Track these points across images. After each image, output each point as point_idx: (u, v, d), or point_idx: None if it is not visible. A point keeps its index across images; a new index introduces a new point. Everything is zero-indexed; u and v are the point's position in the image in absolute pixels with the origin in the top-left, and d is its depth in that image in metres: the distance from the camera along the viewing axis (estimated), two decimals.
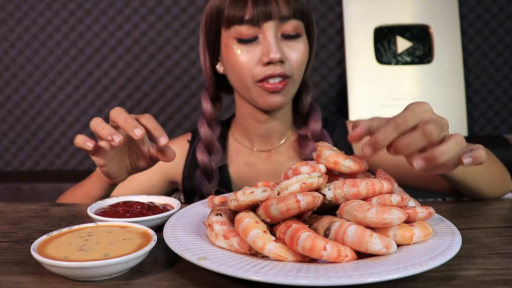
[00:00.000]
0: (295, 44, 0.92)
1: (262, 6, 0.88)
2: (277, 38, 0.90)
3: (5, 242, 0.62)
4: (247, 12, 0.88)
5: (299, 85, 0.97)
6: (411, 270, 0.44)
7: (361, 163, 0.58)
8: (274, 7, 0.88)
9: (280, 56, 0.88)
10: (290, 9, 0.89)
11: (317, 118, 1.02)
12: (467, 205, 0.82)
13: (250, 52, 0.90)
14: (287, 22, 0.90)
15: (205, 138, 1.01)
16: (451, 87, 1.77)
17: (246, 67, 0.91)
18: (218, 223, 0.55)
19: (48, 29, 1.81)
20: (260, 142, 1.03)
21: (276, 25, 0.89)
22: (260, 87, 0.91)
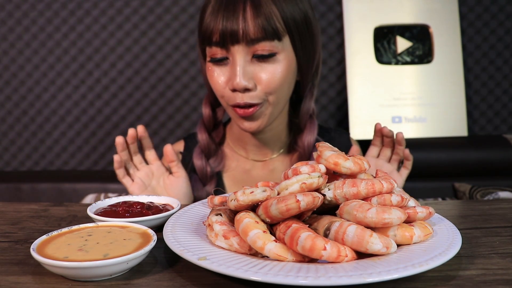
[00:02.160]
0: (268, 65, 0.85)
1: (230, 25, 0.82)
2: (245, 61, 0.84)
3: (5, 242, 0.62)
4: (214, 34, 0.84)
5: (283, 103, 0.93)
6: (411, 270, 0.44)
7: (361, 164, 0.58)
8: (240, 30, 0.82)
9: (245, 84, 0.83)
10: (259, 30, 0.82)
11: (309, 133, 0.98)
12: (467, 205, 0.82)
13: (222, 74, 0.87)
14: (258, 44, 0.83)
15: (203, 143, 1.00)
16: (451, 87, 1.77)
17: (219, 89, 0.89)
18: (218, 223, 0.55)
19: (48, 29, 1.81)
20: (254, 152, 1.02)
21: (244, 48, 0.84)
22: (233, 110, 0.89)
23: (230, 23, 0.82)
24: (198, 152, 1.00)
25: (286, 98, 0.93)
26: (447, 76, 1.77)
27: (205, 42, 0.87)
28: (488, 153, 1.63)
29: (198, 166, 0.99)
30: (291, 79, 0.91)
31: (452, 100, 1.77)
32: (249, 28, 0.82)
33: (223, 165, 1.02)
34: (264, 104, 0.88)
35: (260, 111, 0.88)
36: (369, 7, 1.78)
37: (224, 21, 0.83)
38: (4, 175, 1.77)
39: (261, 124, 0.90)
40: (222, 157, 1.03)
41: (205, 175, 0.99)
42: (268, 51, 0.84)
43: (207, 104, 1.01)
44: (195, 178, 1.00)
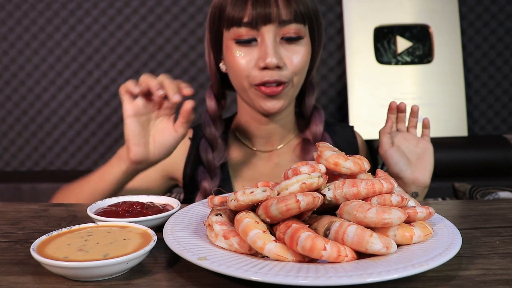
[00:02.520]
0: (296, 47, 0.90)
1: (261, 9, 0.86)
2: (275, 42, 0.88)
3: (5, 242, 0.62)
4: (246, 14, 0.87)
5: (299, 88, 0.96)
6: (411, 270, 0.44)
7: (361, 164, 0.58)
8: (274, 11, 0.86)
9: (277, 62, 0.86)
10: (290, 12, 0.87)
11: (318, 121, 1.00)
12: (467, 205, 0.82)
13: (248, 55, 0.89)
14: (287, 25, 0.88)
15: (209, 135, 1.00)
16: (451, 87, 1.77)
17: (243, 70, 0.90)
18: (218, 223, 0.55)
19: (48, 29, 1.81)
20: (261, 143, 1.03)
21: (275, 28, 0.87)
22: (257, 90, 0.90)
23: (262, 4, 0.86)
24: (205, 145, 1.01)
25: (302, 83, 0.97)
26: (447, 76, 1.77)
27: (234, 23, 0.88)
28: (488, 153, 1.63)
29: (206, 159, 0.99)
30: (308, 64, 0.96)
31: (452, 100, 1.77)
32: (281, 10, 0.87)
33: (228, 157, 1.03)
34: (288, 85, 0.91)
35: (286, 91, 0.91)
36: (369, 7, 1.79)
37: (257, 2, 0.86)
38: (4, 175, 1.77)
39: (283, 104, 0.92)
40: (227, 148, 1.03)
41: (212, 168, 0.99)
42: (296, 33, 0.89)
43: (212, 96, 1.01)
44: (203, 170, 1.00)
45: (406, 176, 0.92)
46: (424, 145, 0.95)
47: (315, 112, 1.02)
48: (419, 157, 0.94)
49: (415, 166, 0.93)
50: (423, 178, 0.93)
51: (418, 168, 0.93)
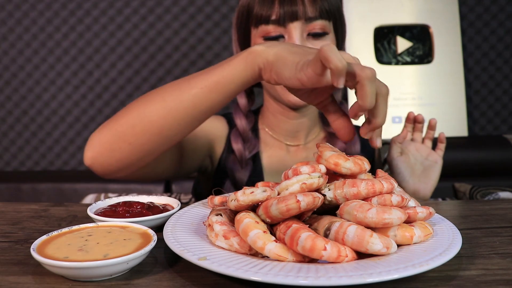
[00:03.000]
0: (321, 42, 0.92)
1: (288, 7, 0.89)
2: (302, 38, 0.91)
3: (5, 242, 0.62)
4: (273, 12, 0.90)
5: None
6: (411, 270, 0.44)
7: (361, 165, 0.58)
8: (300, 8, 0.89)
9: None
10: (316, 10, 0.90)
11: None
12: (467, 205, 0.82)
13: None
14: (313, 22, 0.90)
15: (240, 127, 1.02)
16: (451, 87, 1.77)
17: None
18: (218, 223, 0.55)
19: (48, 29, 1.81)
20: (288, 137, 1.04)
21: (302, 25, 0.90)
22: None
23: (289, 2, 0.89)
24: (236, 134, 1.02)
25: None
26: (447, 76, 1.77)
27: (262, 20, 0.91)
28: (488, 153, 1.63)
29: (237, 149, 1.00)
30: None
31: (452, 100, 1.77)
32: (307, 7, 0.89)
33: (259, 148, 1.04)
34: None
35: None
36: (369, 7, 1.79)
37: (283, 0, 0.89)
38: (4, 175, 1.77)
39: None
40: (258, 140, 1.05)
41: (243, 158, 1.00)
42: (322, 29, 0.91)
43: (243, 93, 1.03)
44: (233, 159, 1.01)
45: (406, 187, 0.96)
46: (434, 158, 0.98)
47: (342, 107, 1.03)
48: (426, 170, 0.97)
49: (419, 178, 0.96)
50: (424, 192, 0.96)
51: (421, 181, 0.96)
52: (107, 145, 0.72)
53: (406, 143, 0.99)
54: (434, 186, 0.97)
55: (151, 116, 0.70)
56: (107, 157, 0.73)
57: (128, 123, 0.72)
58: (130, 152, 0.72)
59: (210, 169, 1.07)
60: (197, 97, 0.69)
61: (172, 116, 0.70)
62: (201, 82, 0.69)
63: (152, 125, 0.70)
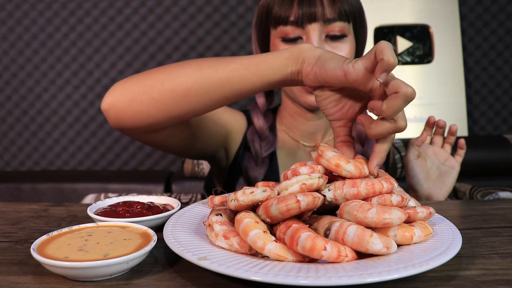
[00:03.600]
0: (340, 45, 0.92)
1: (307, 8, 0.89)
2: (320, 39, 0.90)
3: (5, 242, 0.62)
4: (292, 13, 0.90)
5: None
6: (411, 270, 0.44)
7: (361, 169, 0.58)
8: (319, 10, 0.88)
9: None
10: (335, 11, 0.89)
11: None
12: (467, 205, 0.82)
13: None
14: (332, 24, 0.90)
15: (258, 126, 1.02)
16: (451, 87, 1.77)
17: None
18: (218, 223, 0.55)
19: (48, 29, 1.81)
20: (305, 138, 1.05)
21: (320, 27, 0.90)
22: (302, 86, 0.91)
23: (308, 3, 0.89)
24: (253, 132, 1.02)
25: None
26: (447, 76, 1.78)
27: (280, 21, 0.91)
28: (488, 153, 1.63)
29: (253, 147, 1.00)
30: None
31: (452, 100, 1.77)
32: (326, 9, 0.89)
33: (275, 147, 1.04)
34: None
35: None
36: (369, 7, 1.79)
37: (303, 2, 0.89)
38: (4, 175, 1.77)
39: None
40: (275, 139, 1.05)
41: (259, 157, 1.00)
42: (341, 32, 0.91)
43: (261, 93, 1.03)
44: (249, 156, 1.01)
45: (420, 190, 0.96)
46: (452, 164, 0.97)
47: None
48: (442, 175, 0.97)
49: (434, 182, 0.96)
50: (437, 197, 0.95)
51: (436, 186, 0.96)
52: (130, 94, 0.71)
53: (424, 147, 0.99)
54: (449, 192, 0.96)
55: (184, 77, 0.69)
56: (126, 106, 0.71)
57: (159, 78, 0.70)
58: (150, 107, 0.70)
59: (224, 163, 1.06)
60: (234, 72, 0.67)
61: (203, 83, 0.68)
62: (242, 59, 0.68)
63: (182, 85, 0.69)
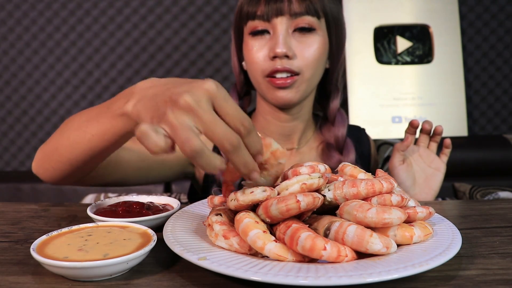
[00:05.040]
0: (308, 39, 0.91)
1: (273, 2, 0.89)
2: (287, 33, 0.90)
3: (5, 242, 0.62)
4: (259, 8, 0.91)
5: (314, 84, 0.96)
6: (411, 270, 0.44)
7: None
8: (285, 4, 0.89)
9: (285, 51, 0.88)
10: (302, 5, 0.89)
11: (341, 125, 1.01)
12: (467, 205, 0.82)
13: (262, 47, 0.92)
14: (299, 17, 0.90)
15: None
16: (451, 87, 1.77)
17: (257, 62, 0.92)
18: (218, 223, 0.55)
19: (48, 29, 1.81)
20: (281, 141, 1.04)
21: (287, 20, 0.90)
22: (268, 82, 0.92)
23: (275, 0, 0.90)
24: None
25: (317, 78, 0.97)
26: (447, 76, 1.78)
27: (248, 17, 0.93)
28: (488, 153, 1.63)
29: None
30: (324, 60, 0.96)
31: (452, 100, 1.77)
32: (294, 3, 0.89)
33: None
34: (300, 77, 0.92)
35: (296, 84, 0.92)
36: (369, 7, 1.79)
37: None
38: (4, 175, 1.77)
39: (294, 96, 0.93)
40: None
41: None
42: (309, 25, 0.91)
43: (235, 95, 1.04)
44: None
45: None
46: (437, 165, 0.95)
47: (339, 116, 1.02)
48: (428, 178, 0.95)
49: (420, 186, 0.95)
50: (424, 200, 0.94)
51: (423, 189, 0.94)
52: (40, 162, 0.79)
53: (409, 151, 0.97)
54: (436, 194, 0.94)
55: (62, 148, 0.71)
56: (43, 171, 0.79)
57: (53, 145, 0.74)
58: (57, 170, 0.75)
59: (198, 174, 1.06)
60: (92, 143, 0.66)
61: (76, 153, 0.69)
62: (92, 129, 0.66)
63: (63, 156, 0.71)
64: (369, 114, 1.74)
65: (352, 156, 0.99)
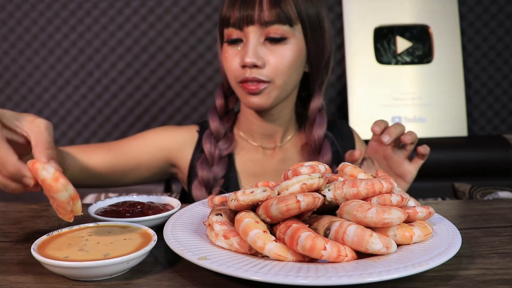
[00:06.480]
0: (279, 48, 0.92)
1: (244, 11, 0.90)
2: (258, 42, 0.91)
3: (5, 242, 0.62)
4: (232, 16, 0.92)
5: (289, 89, 0.97)
6: (411, 270, 0.44)
7: None
8: (256, 12, 0.89)
9: (254, 61, 0.90)
10: (273, 14, 0.89)
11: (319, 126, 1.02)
12: (467, 205, 0.83)
13: (235, 55, 0.94)
14: (270, 26, 0.90)
15: (213, 127, 1.03)
16: (451, 87, 1.77)
17: (230, 69, 0.95)
18: (218, 223, 0.55)
19: (49, 30, 1.81)
20: (264, 140, 1.05)
21: (258, 29, 0.91)
22: (241, 87, 0.94)
23: (246, 6, 0.90)
24: (208, 134, 1.03)
25: (292, 84, 0.98)
26: (447, 76, 1.78)
27: (224, 23, 0.95)
28: (488, 153, 1.63)
29: (207, 148, 1.01)
30: (299, 66, 0.97)
31: (452, 100, 1.77)
32: (264, 12, 0.90)
33: (233, 148, 1.05)
34: (270, 85, 0.93)
35: (267, 91, 0.93)
36: (369, 7, 1.79)
37: (242, 5, 0.91)
38: None
39: (266, 102, 0.94)
40: (232, 140, 1.05)
41: (213, 157, 1.01)
42: (280, 34, 0.91)
43: (221, 93, 1.06)
44: (203, 158, 1.01)
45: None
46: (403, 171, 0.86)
47: (318, 118, 1.03)
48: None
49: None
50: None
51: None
52: None
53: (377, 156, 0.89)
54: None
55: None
56: None
57: None
58: None
59: (181, 175, 1.09)
60: None
61: None
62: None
63: None
64: (369, 114, 1.74)
65: (326, 158, 1.00)
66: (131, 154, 1.02)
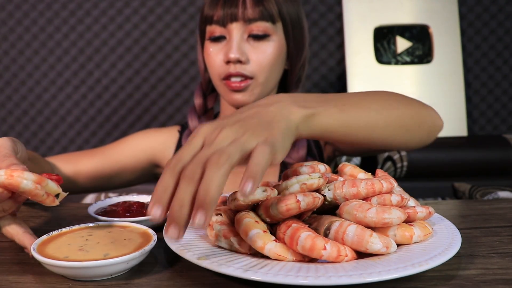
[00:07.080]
0: (262, 44, 0.94)
1: (228, 9, 0.92)
2: (241, 39, 0.93)
3: (5, 242, 0.62)
4: (216, 13, 0.93)
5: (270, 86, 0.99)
6: (411, 270, 0.44)
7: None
8: (240, 10, 0.91)
9: (238, 56, 0.91)
10: (256, 12, 0.91)
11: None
12: (467, 205, 0.83)
13: (219, 52, 0.95)
14: (253, 23, 0.92)
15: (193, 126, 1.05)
16: (451, 87, 1.77)
17: (213, 66, 0.96)
18: (218, 223, 0.55)
19: (48, 29, 1.81)
20: None
21: (242, 26, 0.92)
22: (225, 84, 0.95)
23: (230, 4, 0.92)
24: (188, 133, 1.06)
25: (274, 81, 0.99)
26: (447, 76, 1.78)
27: (207, 21, 0.96)
28: (488, 153, 1.63)
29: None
30: (280, 63, 0.99)
31: (452, 100, 1.77)
32: (248, 9, 0.91)
33: None
34: (253, 81, 0.95)
35: (250, 88, 0.95)
36: (369, 7, 1.79)
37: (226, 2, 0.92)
38: None
39: (249, 99, 0.96)
40: None
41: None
42: (263, 31, 0.93)
43: (199, 93, 1.07)
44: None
45: None
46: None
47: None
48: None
49: None
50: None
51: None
52: None
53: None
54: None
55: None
56: None
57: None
58: None
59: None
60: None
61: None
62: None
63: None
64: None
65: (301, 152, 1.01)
66: (116, 158, 1.05)
